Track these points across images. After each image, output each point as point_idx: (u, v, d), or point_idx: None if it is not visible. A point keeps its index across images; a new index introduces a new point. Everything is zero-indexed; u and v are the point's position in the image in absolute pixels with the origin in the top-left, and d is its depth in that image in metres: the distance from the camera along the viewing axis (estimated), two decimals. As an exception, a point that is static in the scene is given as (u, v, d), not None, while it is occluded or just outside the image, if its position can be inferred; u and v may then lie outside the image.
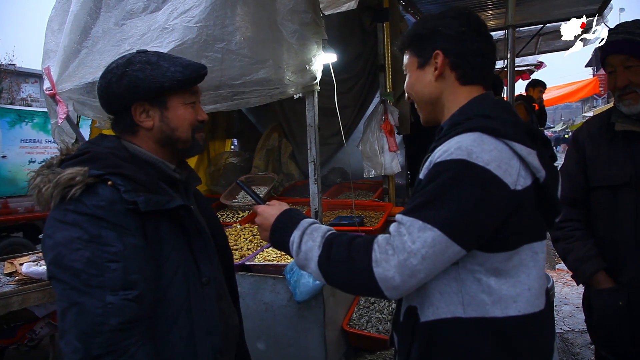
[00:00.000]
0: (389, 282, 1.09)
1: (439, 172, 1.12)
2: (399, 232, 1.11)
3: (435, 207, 1.09)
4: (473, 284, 1.16)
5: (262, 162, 4.46)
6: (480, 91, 1.31)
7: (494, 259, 1.15)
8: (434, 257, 1.08)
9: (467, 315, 1.16)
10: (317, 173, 2.56)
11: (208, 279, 1.36)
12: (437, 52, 1.29)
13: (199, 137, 1.42)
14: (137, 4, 2.35)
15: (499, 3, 4.94)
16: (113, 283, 1.13)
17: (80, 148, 1.30)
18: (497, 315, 1.15)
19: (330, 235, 1.22)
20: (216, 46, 2.16)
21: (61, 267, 1.13)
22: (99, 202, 1.16)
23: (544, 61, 9.48)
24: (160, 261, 1.25)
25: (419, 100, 1.37)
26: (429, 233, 1.07)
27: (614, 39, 1.89)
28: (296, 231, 1.26)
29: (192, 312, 1.30)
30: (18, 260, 3.19)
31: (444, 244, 1.08)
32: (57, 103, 2.47)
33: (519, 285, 1.17)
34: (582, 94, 14.97)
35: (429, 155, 1.22)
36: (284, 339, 2.64)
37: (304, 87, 2.47)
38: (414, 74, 1.36)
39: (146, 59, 1.32)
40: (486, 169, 1.09)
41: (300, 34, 2.34)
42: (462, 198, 1.08)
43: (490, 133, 1.14)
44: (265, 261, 2.77)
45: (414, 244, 1.07)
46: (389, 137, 3.55)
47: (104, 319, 1.10)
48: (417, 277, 1.09)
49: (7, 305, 2.61)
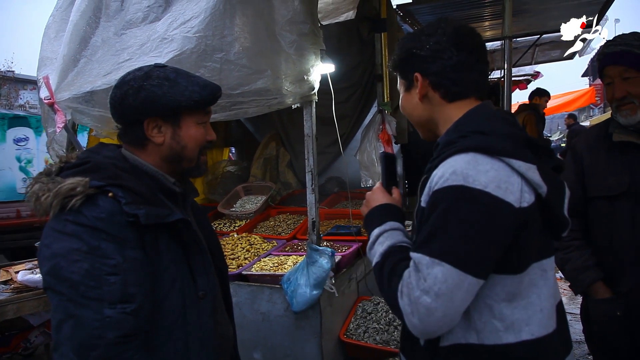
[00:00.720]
0: (409, 319, 1.07)
1: (437, 200, 1.09)
2: (413, 269, 1.09)
3: (440, 240, 1.06)
4: (484, 310, 1.13)
5: (259, 171, 4.46)
6: (473, 103, 1.27)
7: (505, 282, 1.13)
8: (449, 293, 1.03)
9: (480, 342, 1.13)
10: (314, 182, 2.56)
11: (204, 293, 1.35)
12: (416, 75, 1.27)
13: (202, 160, 1.42)
14: (137, 14, 2.36)
15: (495, 14, 4.98)
16: (111, 296, 1.12)
17: (81, 157, 1.29)
18: (511, 341, 1.12)
19: (391, 249, 1.22)
20: (215, 56, 2.17)
21: (58, 278, 1.12)
22: (99, 214, 1.16)
23: (540, 71, 9.55)
24: (157, 273, 1.24)
25: (412, 120, 1.38)
26: (438, 268, 1.04)
27: (612, 50, 1.90)
28: (377, 229, 1.28)
29: (187, 325, 1.29)
30: (13, 268, 3.17)
31: (457, 277, 1.03)
32: (56, 112, 2.48)
33: (530, 307, 1.14)
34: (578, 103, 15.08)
35: (426, 177, 1.20)
36: (281, 349, 2.63)
37: (302, 97, 2.48)
38: (403, 96, 1.36)
39: (164, 74, 1.31)
40: (485, 192, 1.05)
41: (299, 45, 2.35)
42: (465, 227, 1.05)
43: (484, 152, 1.10)
44: (262, 271, 2.76)
45: (425, 281, 1.04)
46: (386, 146, 3.56)
47: (102, 332, 1.09)
48: (434, 315, 1.04)
49: (2, 314, 2.60)
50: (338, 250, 2.95)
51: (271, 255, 3.03)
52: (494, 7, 4.71)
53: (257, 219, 3.75)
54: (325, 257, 2.47)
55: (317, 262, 2.47)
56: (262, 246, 3.17)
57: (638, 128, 1.87)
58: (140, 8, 2.34)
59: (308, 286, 2.44)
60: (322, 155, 3.98)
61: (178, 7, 2.22)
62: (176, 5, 2.25)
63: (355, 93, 4.21)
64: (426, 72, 1.26)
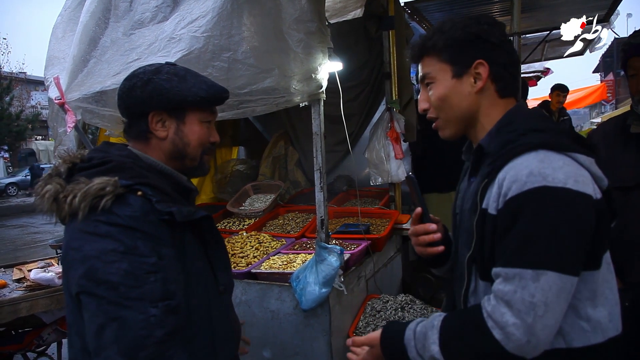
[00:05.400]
0: (527, 348, 1.01)
1: (520, 207, 1.03)
2: (510, 291, 1.02)
3: (537, 247, 1.01)
4: (570, 312, 1.08)
5: (268, 170, 4.47)
6: (514, 103, 1.23)
7: (587, 280, 1.09)
8: (556, 299, 1.00)
9: (568, 346, 1.09)
10: (323, 181, 2.56)
11: (225, 287, 1.37)
12: (481, 62, 1.17)
13: (205, 160, 1.42)
14: (145, 14, 2.37)
15: (504, 10, 4.95)
16: (153, 294, 1.10)
17: (96, 157, 1.27)
18: (599, 340, 1.10)
19: (441, 338, 1.10)
20: (222, 56, 2.18)
21: (95, 280, 1.09)
22: (133, 213, 1.14)
23: (550, 67, 9.45)
24: (186, 270, 1.25)
25: (452, 113, 1.23)
26: (543, 278, 0.99)
27: (638, 41, 1.87)
28: (410, 354, 1.15)
29: (212, 319, 1.31)
30: (26, 267, 3.22)
31: (561, 281, 1.00)
32: (66, 112, 2.50)
33: (607, 303, 1.12)
34: (589, 100, 14.93)
35: (488, 181, 1.12)
36: (290, 347, 2.64)
37: (310, 95, 2.48)
38: (447, 83, 1.21)
39: (174, 71, 1.33)
40: (566, 188, 1.01)
41: (306, 43, 2.35)
42: (557, 229, 1.00)
43: (552, 148, 1.06)
44: (271, 269, 2.77)
45: (533, 297, 0.99)
46: (395, 144, 3.55)
47: (149, 331, 1.08)
48: (549, 326, 1.01)
49: (16, 311, 2.64)
50: (347, 248, 2.95)
51: (280, 253, 3.03)
52: (503, 3, 4.68)
53: (266, 217, 3.76)
54: (334, 255, 2.47)
55: (326, 260, 2.47)
56: (271, 244, 3.18)
57: None
58: (148, 8, 2.35)
59: (317, 284, 2.45)
60: (331, 154, 3.98)
61: (185, 6, 2.24)
62: (184, 5, 2.26)
63: (363, 91, 4.20)
64: (493, 61, 1.18)
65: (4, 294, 2.74)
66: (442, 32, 1.21)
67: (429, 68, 1.24)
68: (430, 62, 1.24)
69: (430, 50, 1.23)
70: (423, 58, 1.26)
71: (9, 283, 2.93)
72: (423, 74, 1.26)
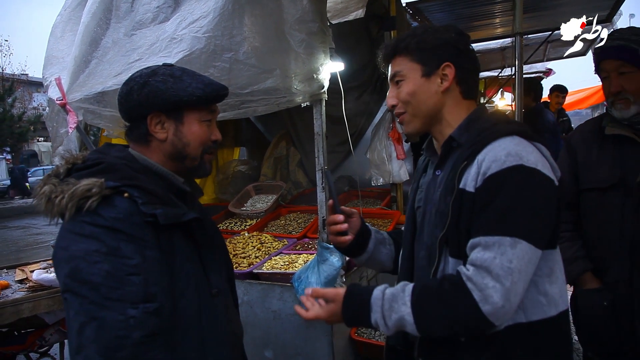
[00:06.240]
0: (499, 313, 1.09)
1: (500, 183, 1.13)
2: (489, 257, 1.09)
3: (514, 218, 1.11)
4: (531, 287, 1.17)
5: (270, 170, 4.47)
6: (475, 105, 1.35)
7: (547, 258, 1.20)
8: (525, 269, 1.10)
9: (528, 320, 1.18)
10: (324, 181, 2.56)
11: (218, 290, 1.36)
12: (448, 64, 1.29)
13: (207, 159, 1.41)
14: (147, 15, 2.38)
15: (506, 11, 4.93)
16: (134, 296, 1.11)
17: (91, 158, 1.29)
18: (553, 314, 1.21)
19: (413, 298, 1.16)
20: (224, 56, 2.18)
21: (78, 280, 1.11)
22: (117, 215, 1.15)
23: (552, 68, 9.44)
24: (173, 272, 1.24)
25: (418, 110, 1.33)
26: (519, 246, 1.09)
27: (608, 44, 1.92)
28: (373, 314, 1.19)
29: (202, 322, 1.30)
30: (29, 268, 3.22)
31: (531, 252, 1.11)
32: (68, 112, 2.51)
33: (558, 281, 1.23)
34: (591, 101, 14.85)
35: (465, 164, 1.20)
36: (292, 348, 2.64)
37: (312, 95, 2.48)
38: (416, 81, 1.31)
39: (170, 72, 1.33)
40: (537, 169, 1.14)
41: (308, 43, 2.35)
42: (533, 203, 1.12)
43: (523, 136, 1.20)
44: (272, 269, 2.77)
45: (511, 263, 1.08)
46: (397, 145, 3.55)
47: (127, 332, 1.08)
48: (519, 293, 1.11)
49: (18, 312, 2.63)
50: (348, 248, 2.94)
51: (282, 253, 3.03)
52: (505, 4, 4.66)
53: (268, 217, 3.76)
54: (336, 255, 2.47)
55: (327, 260, 2.47)
56: (272, 245, 3.18)
57: (631, 122, 1.88)
58: (149, 9, 2.36)
59: (319, 284, 2.44)
60: (333, 154, 3.98)
61: (187, 7, 2.24)
62: (185, 5, 2.26)
63: (365, 91, 4.20)
64: (459, 65, 1.30)
65: (6, 294, 2.74)
66: (415, 35, 1.33)
67: (401, 67, 1.34)
68: (402, 61, 1.34)
69: (403, 51, 1.34)
70: (395, 58, 1.36)
71: (12, 284, 2.93)
72: (394, 72, 1.36)
